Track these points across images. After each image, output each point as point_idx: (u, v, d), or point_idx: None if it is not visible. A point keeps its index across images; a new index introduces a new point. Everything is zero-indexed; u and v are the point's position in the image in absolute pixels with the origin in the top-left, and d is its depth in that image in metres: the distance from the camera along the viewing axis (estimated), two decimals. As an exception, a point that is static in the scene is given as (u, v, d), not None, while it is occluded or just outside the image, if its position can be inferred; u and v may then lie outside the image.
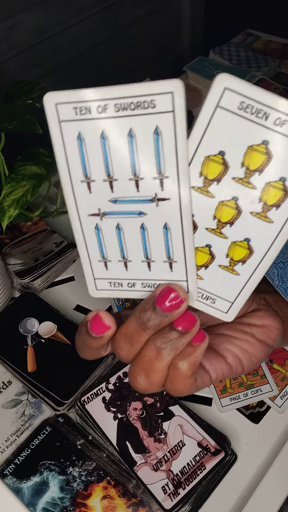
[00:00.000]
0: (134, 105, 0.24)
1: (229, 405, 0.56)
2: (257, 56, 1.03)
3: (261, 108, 0.23)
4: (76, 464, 0.52)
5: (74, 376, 0.58)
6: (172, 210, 0.27)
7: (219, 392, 0.57)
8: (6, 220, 0.62)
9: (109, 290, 0.31)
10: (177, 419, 0.53)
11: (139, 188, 0.27)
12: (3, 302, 0.66)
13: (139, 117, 0.25)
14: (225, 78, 0.23)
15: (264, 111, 0.24)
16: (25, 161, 0.67)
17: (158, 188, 0.26)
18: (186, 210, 0.27)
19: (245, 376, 0.58)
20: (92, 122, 0.25)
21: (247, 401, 0.56)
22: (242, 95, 0.24)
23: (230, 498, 0.51)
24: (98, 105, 0.25)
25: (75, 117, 0.26)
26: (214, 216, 0.27)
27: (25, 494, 0.50)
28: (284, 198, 0.25)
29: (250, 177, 0.25)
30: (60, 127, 0.26)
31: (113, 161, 0.26)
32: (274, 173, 0.25)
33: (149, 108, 0.24)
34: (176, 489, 0.49)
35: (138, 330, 0.29)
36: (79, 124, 0.26)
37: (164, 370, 0.29)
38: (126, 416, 0.54)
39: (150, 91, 0.24)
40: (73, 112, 0.25)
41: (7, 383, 0.59)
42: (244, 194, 0.26)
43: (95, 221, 0.29)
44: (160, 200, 0.27)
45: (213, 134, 0.25)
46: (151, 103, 0.24)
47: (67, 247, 0.72)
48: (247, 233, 0.27)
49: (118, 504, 0.49)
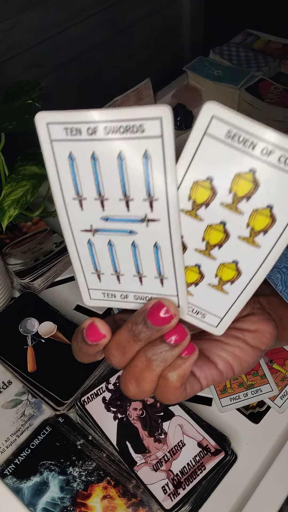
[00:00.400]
0: (124, 128, 0.25)
1: (229, 405, 0.56)
2: (257, 56, 1.03)
3: (248, 137, 0.24)
4: (76, 464, 0.52)
5: (74, 376, 0.58)
6: (162, 230, 0.27)
7: (219, 392, 0.57)
8: (6, 220, 0.62)
9: (102, 300, 0.32)
10: (177, 419, 0.53)
11: (129, 208, 0.27)
12: (3, 302, 0.67)
13: (129, 141, 0.25)
14: (212, 106, 0.24)
15: (251, 140, 0.24)
16: (25, 161, 0.67)
17: (148, 209, 0.27)
18: (176, 231, 0.27)
19: (245, 376, 0.58)
20: (83, 143, 0.26)
21: (247, 401, 0.56)
22: (229, 124, 0.24)
23: (230, 498, 0.51)
24: (88, 127, 0.25)
25: (66, 137, 0.26)
26: (203, 238, 0.28)
27: (25, 494, 0.50)
28: (271, 224, 0.26)
29: (238, 203, 0.26)
30: (52, 146, 0.26)
31: (103, 181, 0.27)
32: (261, 201, 0.25)
33: (138, 132, 0.25)
34: (176, 489, 0.49)
35: (129, 341, 0.29)
36: (70, 144, 0.26)
37: (154, 380, 0.30)
38: (126, 416, 0.54)
39: (139, 116, 0.24)
40: (64, 132, 0.26)
41: (7, 383, 0.59)
42: (232, 219, 0.26)
43: (88, 237, 0.29)
44: (150, 220, 0.27)
45: (201, 161, 0.25)
46: (140, 127, 0.24)
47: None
48: (235, 256, 0.28)
49: (118, 504, 0.49)
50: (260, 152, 0.24)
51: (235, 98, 0.96)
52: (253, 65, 1.01)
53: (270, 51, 1.07)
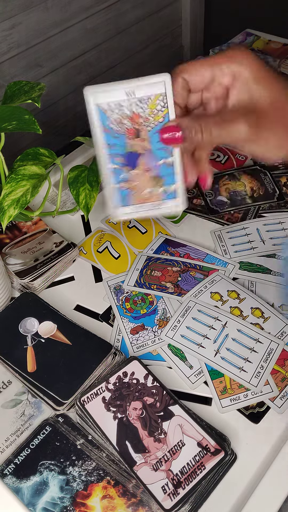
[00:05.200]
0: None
1: (229, 406, 0.56)
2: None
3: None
4: (76, 464, 0.52)
5: (74, 375, 0.58)
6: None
7: (219, 393, 0.57)
8: (6, 220, 0.62)
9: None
10: (177, 419, 0.53)
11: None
12: (3, 302, 0.67)
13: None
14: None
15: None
16: (25, 161, 0.67)
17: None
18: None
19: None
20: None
21: (247, 402, 0.56)
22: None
23: (230, 498, 0.51)
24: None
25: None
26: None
27: (25, 494, 0.50)
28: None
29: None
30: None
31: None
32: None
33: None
34: (176, 489, 0.49)
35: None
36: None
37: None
38: (126, 416, 0.54)
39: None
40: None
41: (7, 383, 0.59)
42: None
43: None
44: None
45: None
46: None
47: (67, 247, 0.72)
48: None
49: (118, 504, 0.49)
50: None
51: (235, 98, 0.96)
52: (253, 65, 1.01)
53: (270, 51, 1.07)
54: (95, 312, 0.68)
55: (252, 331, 0.61)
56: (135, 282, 0.69)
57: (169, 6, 1.41)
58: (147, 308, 0.66)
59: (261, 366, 0.58)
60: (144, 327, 0.64)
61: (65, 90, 1.30)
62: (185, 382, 0.59)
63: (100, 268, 0.73)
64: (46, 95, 1.25)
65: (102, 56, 1.34)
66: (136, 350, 0.62)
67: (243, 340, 0.61)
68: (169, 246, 0.74)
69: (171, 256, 0.72)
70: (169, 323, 0.64)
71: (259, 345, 0.60)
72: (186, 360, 0.61)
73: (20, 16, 1.06)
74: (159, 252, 0.73)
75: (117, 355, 0.60)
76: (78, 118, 1.38)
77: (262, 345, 0.60)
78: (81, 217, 0.81)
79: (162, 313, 0.66)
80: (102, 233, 0.78)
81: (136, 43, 1.43)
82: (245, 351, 0.60)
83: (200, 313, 0.64)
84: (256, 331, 0.61)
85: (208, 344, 0.61)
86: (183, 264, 0.70)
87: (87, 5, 1.22)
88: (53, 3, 1.11)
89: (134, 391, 0.55)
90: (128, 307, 0.67)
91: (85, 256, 0.75)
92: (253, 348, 0.60)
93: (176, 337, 0.62)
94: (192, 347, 0.61)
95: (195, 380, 0.59)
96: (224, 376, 0.59)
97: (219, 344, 0.61)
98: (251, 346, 0.60)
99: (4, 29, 1.05)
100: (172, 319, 0.64)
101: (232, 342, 0.61)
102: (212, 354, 0.60)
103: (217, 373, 0.59)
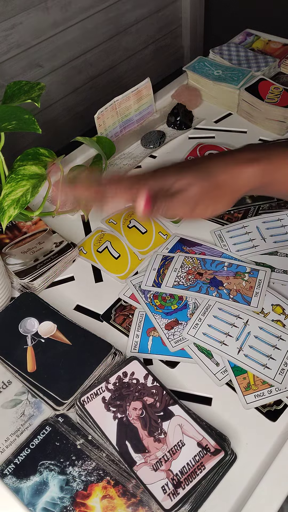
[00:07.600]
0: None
1: (253, 402, 0.56)
2: (257, 56, 1.03)
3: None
4: (76, 464, 0.52)
5: (74, 376, 0.58)
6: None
7: (243, 389, 0.57)
8: (6, 220, 0.62)
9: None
10: (177, 419, 0.53)
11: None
12: (3, 302, 0.67)
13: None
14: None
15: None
16: (25, 161, 0.67)
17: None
18: None
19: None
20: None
21: (271, 398, 0.56)
22: None
23: (230, 498, 0.51)
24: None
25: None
26: None
27: (25, 494, 0.50)
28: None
29: None
30: None
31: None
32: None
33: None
34: (175, 488, 0.49)
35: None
36: None
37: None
38: (125, 416, 0.54)
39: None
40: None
41: (7, 383, 0.59)
42: None
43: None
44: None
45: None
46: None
47: (67, 247, 0.72)
48: None
49: (117, 504, 0.49)
50: None
51: (234, 98, 0.96)
52: (253, 65, 1.01)
53: (270, 51, 1.07)
54: (95, 312, 0.68)
55: (274, 328, 0.62)
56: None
57: (169, 6, 1.41)
58: (177, 303, 0.67)
59: (285, 363, 0.59)
60: (178, 322, 0.65)
61: (65, 90, 1.30)
62: (211, 379, 0.59)
63: (100, 268, 0.73)
64: (46, 95, 1.25)
65: (102, 56, 1.34)
66: (175, 344, 0.62)
67: (266, 338, 0.61)
68: (184, 245, 0.74)
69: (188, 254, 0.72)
70: (190, 322, 0.64)
71: (282, 343, 0.61)
72: (212, 357, 0.61)
73: (20, 16, 1.06)
74: (174, 251, 0.73)
75: (117, 355, 0.60)
76: (78, 118, 1.38)
77: (285, 342, 0.61)
78: (81, 217, 0.81)
79: (193, 307, 0.66)
80: (102, 233, 0.78)
81: (136, 43, 1.42)
82: (268, 348, 0.60)
83: (221, 311, 0.64)
84: (278, 328, 0.62)
85: (231, 341, 0.61)
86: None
87: (87, 5, 1.22)
88: (53, 3, 1.11)
89: (134, 391, 0.55)
90: (158, 303, 0.67)
91: (85, 256, 0.75)
92: (276, 345, 0.60)
93: (198, 335, 0.62)
94: (215, 344, 0.61)
95: (222, 377, 0.59)
96: (247, 373, 0.59)
97: (242, 342, 0.61)
98: (274, 343, 0.61)
99: (4, 29, 1.05)
100: (193, 317, 0.64)
101: (255, 340, 0.61)
102: (235, 351, 0.60)
103: (240, 369, 0.59)
